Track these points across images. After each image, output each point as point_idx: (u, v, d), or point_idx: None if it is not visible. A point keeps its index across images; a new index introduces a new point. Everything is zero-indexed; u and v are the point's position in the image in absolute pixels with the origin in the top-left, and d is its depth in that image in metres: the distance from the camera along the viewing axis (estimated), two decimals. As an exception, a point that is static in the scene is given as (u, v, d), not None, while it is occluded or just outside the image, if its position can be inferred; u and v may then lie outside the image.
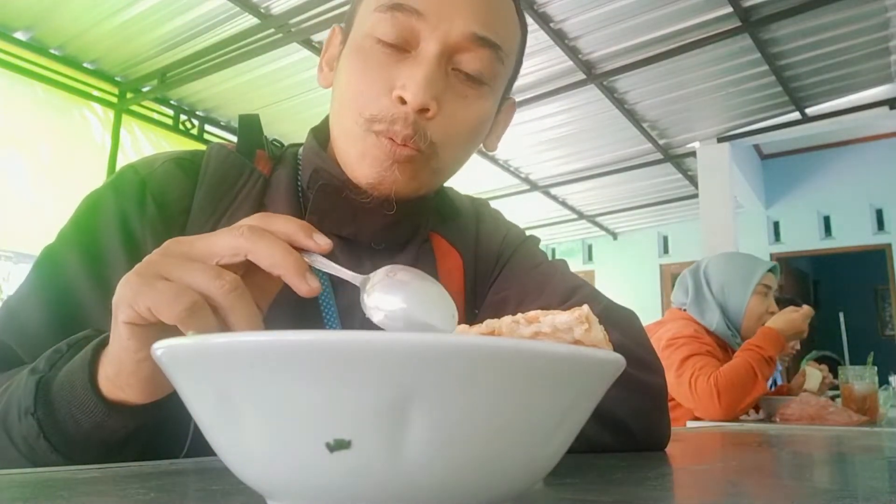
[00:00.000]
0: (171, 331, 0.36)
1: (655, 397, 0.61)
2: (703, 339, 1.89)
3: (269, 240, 0.38)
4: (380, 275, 0.41)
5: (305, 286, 0.38)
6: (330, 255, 0.61)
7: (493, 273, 0.73)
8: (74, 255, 0.56)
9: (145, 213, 0.57)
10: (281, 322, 0.55)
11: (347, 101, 0.58)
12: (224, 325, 0.37)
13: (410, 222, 0.65)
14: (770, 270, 2.00)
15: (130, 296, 0.37)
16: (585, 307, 0.34)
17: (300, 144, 0.69)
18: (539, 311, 0.34)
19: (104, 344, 0.42)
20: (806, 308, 1.88)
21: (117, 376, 0.41)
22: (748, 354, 1.77)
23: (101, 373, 0.42)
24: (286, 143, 0.70)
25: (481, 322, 0.35)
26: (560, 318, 0.34)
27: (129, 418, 0.43)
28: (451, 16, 0.55)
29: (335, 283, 0.60)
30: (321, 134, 0.66)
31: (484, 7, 0.57)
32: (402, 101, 0.55)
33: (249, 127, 0.67)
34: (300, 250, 0.40)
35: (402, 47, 0.56)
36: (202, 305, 0.36)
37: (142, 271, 0.38)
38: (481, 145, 0.69)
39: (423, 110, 0.55)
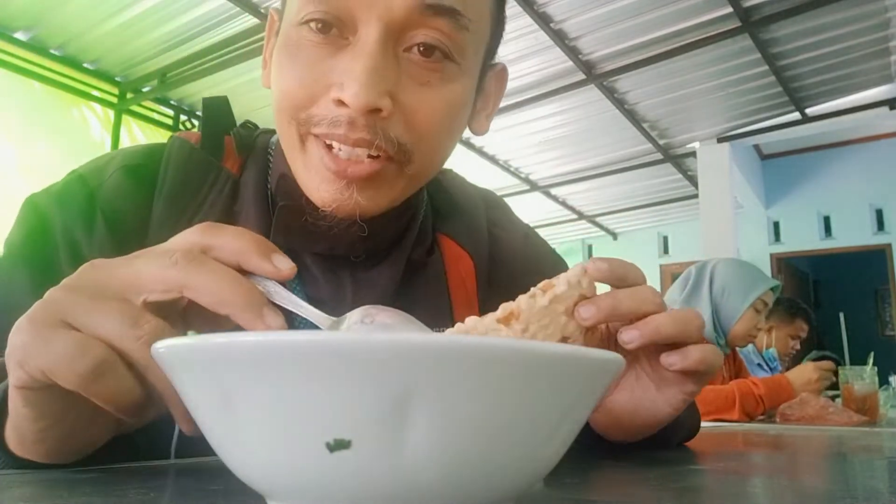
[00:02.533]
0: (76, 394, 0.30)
1: None
2: None
3: (208, 271, 0.31)
4: (356, 316, 0.35)
5: (262, 326, 0.31)
6: (305, 271, 0.53)
7: (518, 278, 0.60)
8: (21, 271, 0.49)
9: (94, 234, 0.50)
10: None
11: (280, 102, 0.48)
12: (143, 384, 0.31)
13: (393, 228, 0.55)
14: (772, 289, 2.03)
15: (21, 354, 0.30)
16: (580, 263, 0.37)
17: (272, 131, 0.59)
18: (549, 280, 0.37)
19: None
20: (824, 363, 1.89)
21: (21, 444, 0.34)
22: (739, 384, 1.82)
23: (8, 428, 0.35)
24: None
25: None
26: (569, 273, 0.37)
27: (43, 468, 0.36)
28: None
29: (312, 301, 0.53)
30: None
31: None
32: (341, 104, 0.44)
33: (216, 112, 0.57)
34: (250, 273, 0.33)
35: (338, 33, 0.45)
36: (111, 364, 0.29)
37: (38, 317, 0.30)
38: (468, 129, 0.57)
39: (373, 111, 0.44)
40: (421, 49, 0.46)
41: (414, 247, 0.57)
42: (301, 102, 0.46)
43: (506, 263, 0.63)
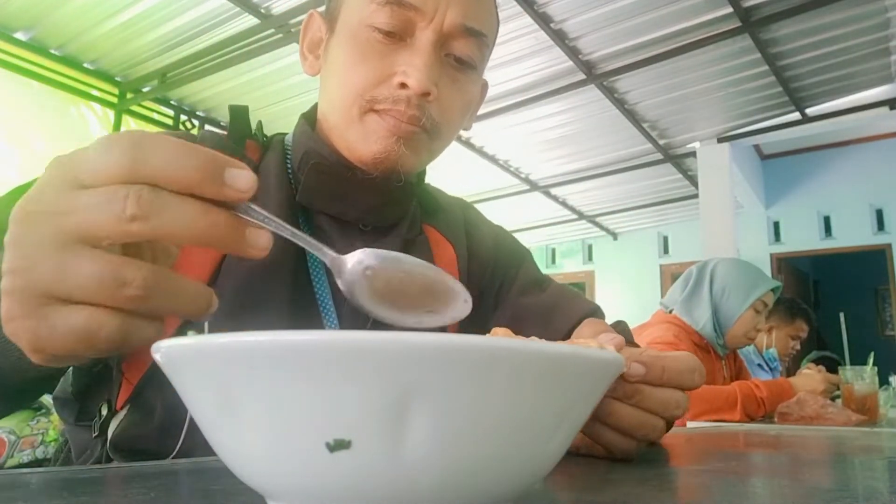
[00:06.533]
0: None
1: None
2: (683, 344, 1.92)
3: (173, 211, 0.28)
4: (355, 258, 0.35)
5: (253, 250, 0.31)
6: (321, 232, 0.63)
7: (488, 276, 0.76)
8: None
9: None
10: (271, 296, 0.57)
11: (346, 86, 0.61)
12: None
13: (398, 205, 0.67)
14: (772, 290, 2.02)
15: (22, 341, 0.30)
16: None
17: (286, 133, 0.71)
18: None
19: None
20: (830, 376, 1.89)
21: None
22: (741, 386, 1.82)
23: None
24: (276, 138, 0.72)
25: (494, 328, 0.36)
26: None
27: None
28: (444, 8, 0.60)
29: (317, 234, 0.63)
30: (311, 119, 0.69)
31: (472, 0, 0.62)
32: (403, 87, 0.58)
33: (239, 117, 0.68)
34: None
35: (399, 36, 0.60)
36: (112, 329, 0.29)
37: (21, 296, 0.29)
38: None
39: (424, 94, 0.59)
40: (455, 58, 0.62)
41: (407, 229, 0.69)
42: (368, 86, 0.59)
43: (479, 257, 0.76)
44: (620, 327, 0.74)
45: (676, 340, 1.91)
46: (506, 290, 0.76)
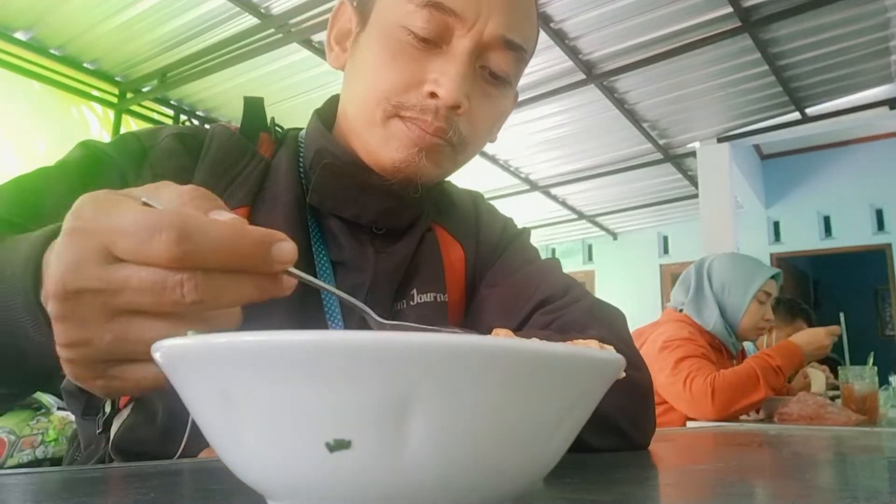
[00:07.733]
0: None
1: (645, 394, 0.61)
2: (698, 341, 1.91)
3: (230, 292, 0.29)
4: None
5: (285, 293, 0.31)
6: (331, 235, 0.62)
7: (492, 264, 0.73)
8: (68, 181, 0.52)
9: (140, 179, 0.55)
10: (280, 310, 0.55)
11: (372, 88, 0.58)
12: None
13: (412, 208, 0.65)
14: (773, 277, 2.01)
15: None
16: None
17: (301, 129, 0.69)
18: None
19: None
20: (833, 327, 1.88)
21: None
22: (755, 360, 1.80)
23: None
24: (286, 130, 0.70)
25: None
26: None
27: None
28: (485, 17, 0.56)
29: (335, 264, 0.61)
30: (325, 115, 0.66)
31: (515, 10, 0.58)
32: (433, 96, 0.56)
33: (254, 110, 0.66)
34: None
35: (434, 42, 0.56)
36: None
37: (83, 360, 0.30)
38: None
39: (454, 107, 0.56)
40: (491, 72, 0.59)
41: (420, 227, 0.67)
42: (396, 90, 0.56)
43: (487, 245, 0.74)
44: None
45: (691, 336, 1.90)
46: (496, 258, 0.73)
